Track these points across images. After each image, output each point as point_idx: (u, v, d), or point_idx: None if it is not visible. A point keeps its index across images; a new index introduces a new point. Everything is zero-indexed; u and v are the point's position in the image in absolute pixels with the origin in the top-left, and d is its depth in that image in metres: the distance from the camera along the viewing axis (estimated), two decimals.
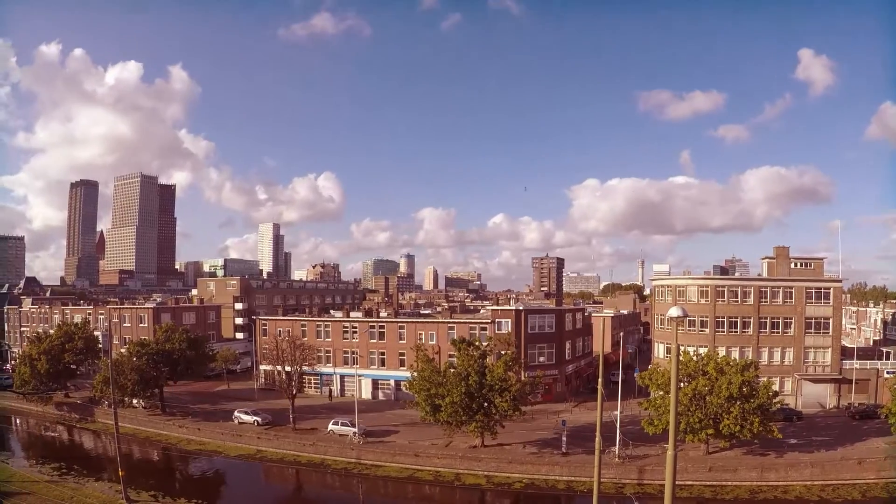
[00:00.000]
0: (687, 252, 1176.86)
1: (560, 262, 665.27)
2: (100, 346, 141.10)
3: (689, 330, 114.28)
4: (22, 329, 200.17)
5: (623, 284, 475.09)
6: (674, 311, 31.85)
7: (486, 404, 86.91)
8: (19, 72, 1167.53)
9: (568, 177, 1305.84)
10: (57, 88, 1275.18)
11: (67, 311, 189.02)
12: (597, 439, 59.03)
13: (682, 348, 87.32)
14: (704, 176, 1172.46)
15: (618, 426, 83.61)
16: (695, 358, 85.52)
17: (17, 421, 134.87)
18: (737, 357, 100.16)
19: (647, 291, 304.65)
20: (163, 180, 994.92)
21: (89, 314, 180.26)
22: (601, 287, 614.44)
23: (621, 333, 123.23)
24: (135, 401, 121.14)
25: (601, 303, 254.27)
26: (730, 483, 76.63)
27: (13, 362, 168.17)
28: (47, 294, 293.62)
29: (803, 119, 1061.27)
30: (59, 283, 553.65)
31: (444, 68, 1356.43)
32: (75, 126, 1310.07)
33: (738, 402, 77.45)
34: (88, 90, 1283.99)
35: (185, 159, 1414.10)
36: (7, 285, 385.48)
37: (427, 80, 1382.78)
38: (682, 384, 79.40)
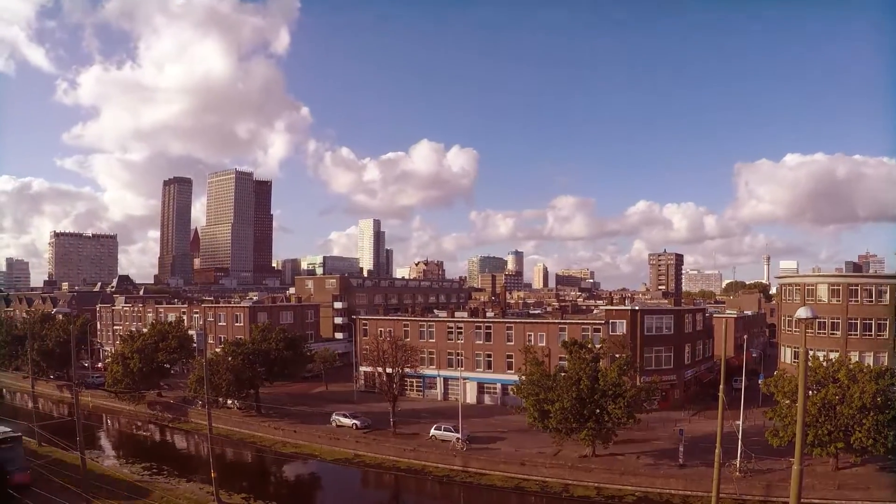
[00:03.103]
0: (867, 244, 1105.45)
1: (679, 259, 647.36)
2: (194, 345, 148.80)
3: (819, 332, 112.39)
4: (115, 327, 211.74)
5: (747, 283, 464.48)
6: (802, 312, 33.58)
7: (598, 411, 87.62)
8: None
9: (737, 154, 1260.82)
10: (114, 11, 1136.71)
11: (161, 310, 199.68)
12: (716, 451, 60.37)
13: (810, 353, 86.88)
14: None
15: (740, 437, 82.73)
16: (824, 363, 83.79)
17: (109, 420, 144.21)
18: (870, 363, 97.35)
19: (773, 290, 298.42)
20: (259, 154, 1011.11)
21: (183, 313, 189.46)
22: (723, 285, 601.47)
23: (745, 336, 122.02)
24: (229, 401, 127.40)
25: (723, 303, 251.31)
26: (859, 502, 75.22)
27: (105, 361, 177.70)
28: (140, 292, 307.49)
29: None
30: (152, 282, 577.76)
31: (594, 43, 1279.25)
32: (141, 73, 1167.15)
33: (872, 414, 75.43)
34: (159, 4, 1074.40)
35: (287, 115, 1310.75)
36: (100, 283, 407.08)
37: (567, 57, 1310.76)
38: (810, 392, 77.99)
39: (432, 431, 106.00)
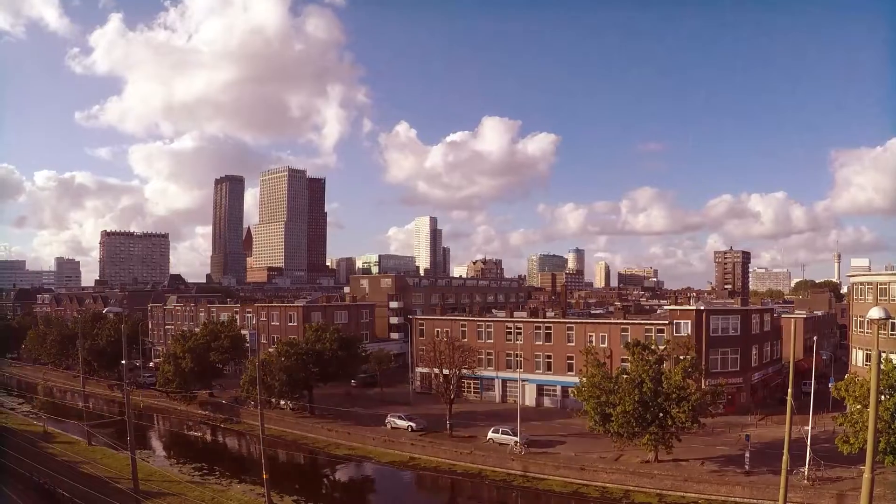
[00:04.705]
0: None
1: (746, 257, 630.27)
2: (247, 345, 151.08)
3: (892, 334, 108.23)
4: (166, 327, 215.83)
5: (817, 282, 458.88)
6: (875, 313, 33.43)
7: (661, 415, 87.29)
8: None
9: (833, 140, 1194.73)
10: None
11: (213, 309, 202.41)
12: (784, 458, 60.05)
13: (883, 355, 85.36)
14: None
15: (808, 443, 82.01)
16: None
17: (159, 420, 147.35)
18: None
19: (844, 289, 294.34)
20: (312, 136, 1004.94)
21: (236, 312, 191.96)
22: (792, 285, 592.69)
23: (815, 337, 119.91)
24: (282, 402, 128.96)
25: (792, 302, 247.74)
26: None
27: (157, 360, 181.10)
28: (192, 292, 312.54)
29: None
30: (203, 280, 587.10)
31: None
32: (174, 34, 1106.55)
33: None
34: None
35: (346, 80, 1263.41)
36: (151, 283, 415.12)
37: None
38: (883, 397, 75.12)
39: (490, 434, 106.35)
